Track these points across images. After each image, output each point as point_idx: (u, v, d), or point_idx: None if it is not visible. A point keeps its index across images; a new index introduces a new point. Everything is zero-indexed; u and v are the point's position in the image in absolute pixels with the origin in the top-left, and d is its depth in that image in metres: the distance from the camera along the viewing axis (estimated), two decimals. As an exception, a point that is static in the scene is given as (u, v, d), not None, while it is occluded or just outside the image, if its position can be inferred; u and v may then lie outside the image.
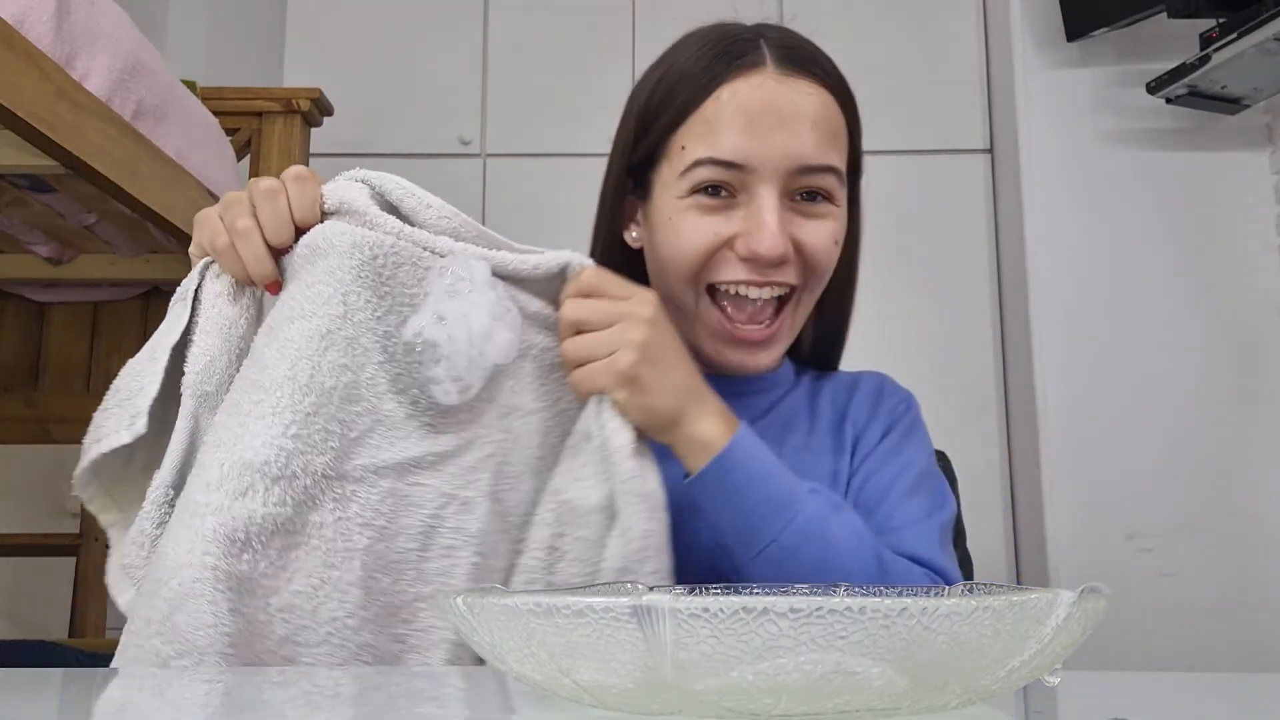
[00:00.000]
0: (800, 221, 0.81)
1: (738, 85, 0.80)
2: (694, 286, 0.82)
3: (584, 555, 0.70)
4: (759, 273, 0.80)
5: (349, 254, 0.66)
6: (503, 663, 0.42)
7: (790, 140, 0.79)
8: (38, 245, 1.77)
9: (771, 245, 0.78)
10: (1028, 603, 0.38)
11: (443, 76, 2.55)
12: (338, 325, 0.66)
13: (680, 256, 0.81)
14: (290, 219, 0.69)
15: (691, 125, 0.81)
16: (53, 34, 1.23)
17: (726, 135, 0.79)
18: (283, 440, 0.63)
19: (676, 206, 0.82)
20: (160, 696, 0.55)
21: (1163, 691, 0.56)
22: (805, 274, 0.83)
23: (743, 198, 0.80)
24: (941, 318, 2.44)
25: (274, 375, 0.64)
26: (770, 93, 0.79)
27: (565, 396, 0.74)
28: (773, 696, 0.37)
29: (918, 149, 2.51)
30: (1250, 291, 2.27)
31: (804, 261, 0.82)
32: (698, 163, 0.80)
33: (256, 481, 0.62)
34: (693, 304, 0.83)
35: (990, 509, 2.35)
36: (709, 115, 0.80)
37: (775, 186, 0.79)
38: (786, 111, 0.79)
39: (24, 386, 1.94)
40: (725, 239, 0.80)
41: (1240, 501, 2.18)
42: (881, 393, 0.94)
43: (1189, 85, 2.13)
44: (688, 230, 0.81)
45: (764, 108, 0.79)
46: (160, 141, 1.50)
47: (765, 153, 0.79)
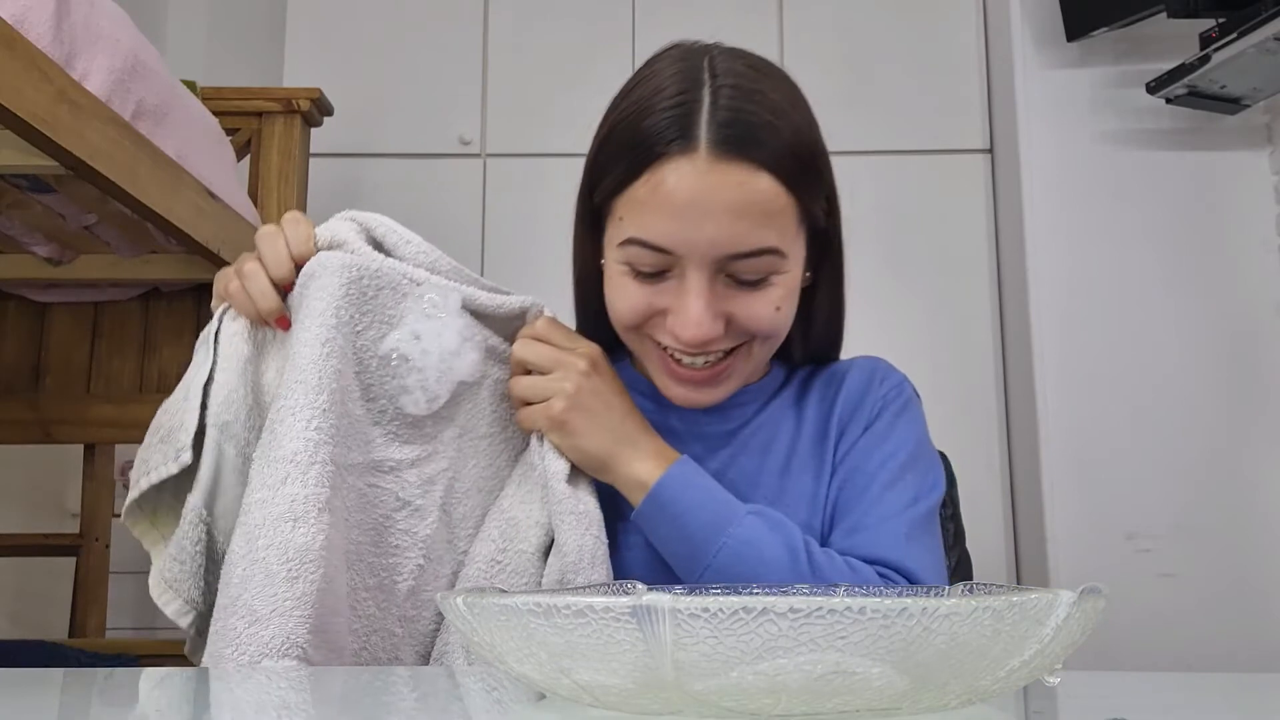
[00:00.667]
0: (734, 296, 0.80)
1: (668, 171, 0.77)
2: (635, 335, 0.84)
3: (522, 568, 0.79)
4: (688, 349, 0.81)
5: (338, 273, 0.76)
6: (503, 663, 0.42)
7: (718, 231, 0.77)
8: (38, 246, 1.77)
9: (695, 334, 0.79)
10: (1028, 603, 0.38)
11: (443, 76, 2.55)
12: (332, 334, 0.75)
13: (619, 316, 0.83)
14: (289, 255, 0.78)
15: (627, 198, 0.80)
16: (52, 34, 1.23)
17: (655, 221, 0.78)
18: (307, 434, 0.72)
19: (615, 268, 0.83)
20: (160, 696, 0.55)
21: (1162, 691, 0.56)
22: (747, 336, 0.82)
23: (675, 274, 0.80)
24: (941, 318, 2.44)
25: (289, 383, 0.73)
26: (699, 183, 0.77)
27: (514, 425, 0.84)
28: (773, 696, 0.37)
29: (918, 149, 2.51)
30: (1250, 291, 2.27)
31: (743, 331, 0.82)
32: (629, 240, 0.80)
33: (292, 471, 0.71)
34: (638, 345, 0.85)
35: (990, 509, 2.35)
36: (641, 196, 0.79)
37: (704, 271, 0.79)
38: (715, 203, 0.77)
39: (25, 387, 1.94)
40: (658, 309, 0.81)
41: (1240, 502, 2.18)
42: (871, 381, 0.93)
43: (1189, 85, 2.13)
44: (623, 295, 0.82)
45: (692, 197, 0.77)
46: (160, 142, 1.50)
47: (692, 241, 0.77)
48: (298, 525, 0.69)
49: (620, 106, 0.83)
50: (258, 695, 0.54)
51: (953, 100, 2.53)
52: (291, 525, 0.69)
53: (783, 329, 0.84)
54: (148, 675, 0.65)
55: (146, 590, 0.77)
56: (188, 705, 0.52)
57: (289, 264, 0.78)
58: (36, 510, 2.67)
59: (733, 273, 0.79)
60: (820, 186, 0.84)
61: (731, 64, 0.82)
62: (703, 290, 0.79)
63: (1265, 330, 2.25)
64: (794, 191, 0.79)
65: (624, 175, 0.80)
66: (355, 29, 2.58)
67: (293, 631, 0.68)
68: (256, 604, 0.68)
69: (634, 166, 0.79)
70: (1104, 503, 2.19)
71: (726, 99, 0.78)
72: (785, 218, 0.80)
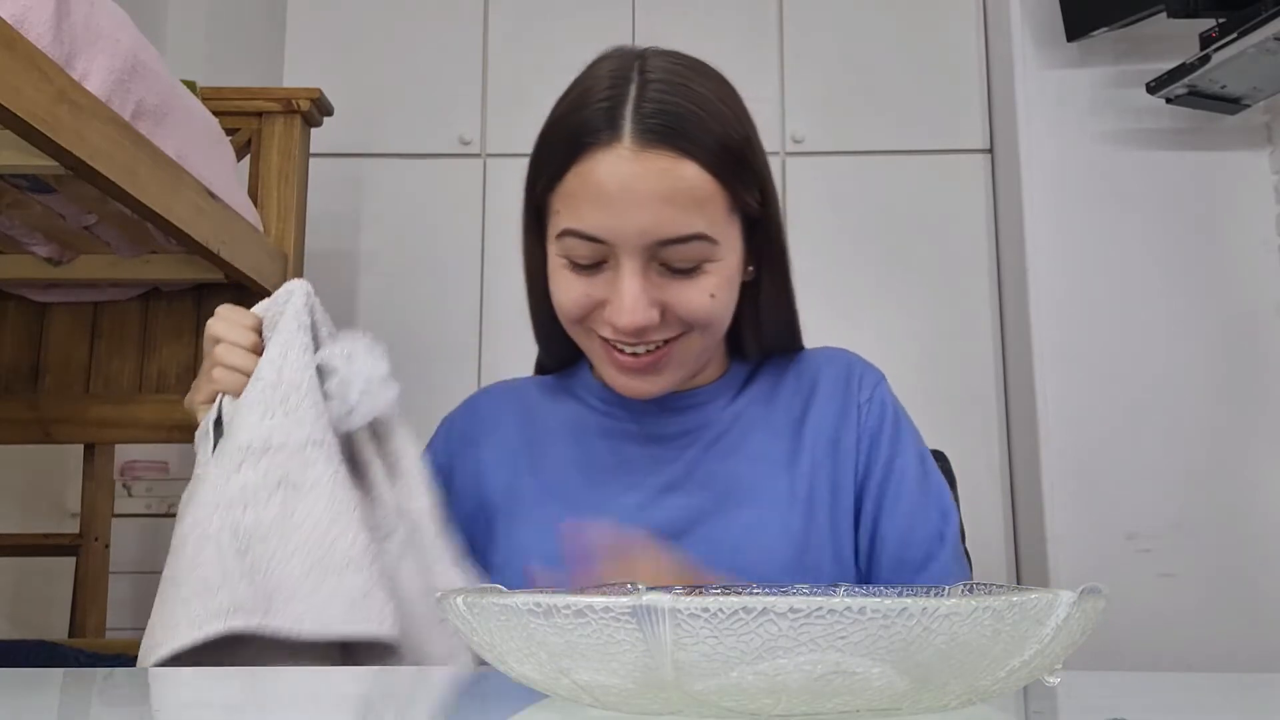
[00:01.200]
0: (667, 285, 0.82)
1: (595, 163, 0.80)
2: (581, 329, 0.87)
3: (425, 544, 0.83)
4: (628, 340, 0.83)
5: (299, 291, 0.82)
6: (503, 663, 0.42)
7: (646, 218, 0.79)
8: (38, 246, 1.77)
9: (630, 320, 0.81)
10: (1028, 603, 0.38)
11: (443, 76, 2.55)
12: (293, 335, 0.79)
13: (563, 310, 0.86)
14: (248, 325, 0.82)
15: (560, 192, 0.83)
16: (52, 34, 1.23)
17: (586, 211, 0.81)
18: (262, 423, 0.75)
19: (555, 262, 0.85)
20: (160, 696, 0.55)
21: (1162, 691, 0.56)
22: (684, 326, 0.84)
23: (611, 264, 0.82)
24: (941, 318, 2.44)
25: (249, 385, 0.78)
26: (626, 171, 0.79)
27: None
28: (773, 696, 0.37)
29: (918, 149, 2.51)
30: (1250, 291, 2.27)
31: (678, 319, 0.83)
32: (565, 232, 0.82)
33: (246, 458, 0.74)
34: (583, 339, 0.88)
35: (990, 509, 2.35)
36: (571, 189, 0.82)
37: (637, 259, 0.81)
38: (641, 191, 0.79)
39: (24, 387, 1.94)
40: (597, 301, 0.83)
41: (1239, 502, 2.18)
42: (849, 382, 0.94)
43: (1189, 85, 2.13)
44: (564, 289, 0.85)
45: (620, 185, 0.79)
46: (160, 142, 1.50)
47: (623, 229, 0.80)
48: (248, 509, 0.73)
49: (556, 107, 0.87)
50: (258, 695, 0.54)
51: (953, 100, 2.53)
52: (242, 509, 0.73)
53: (719, 318, 0.86)
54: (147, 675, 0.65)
55: (146, 590, 0.78)
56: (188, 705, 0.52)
57: (249, 330, 0.82)
58: (36, 510, 2.67)
59: (665, 260, 0.81)
60: (751, 176, 0.86)
61: (661, 62, 0.84)
62: (635, 278, 0.81)
63: (1265, 330, 2.25)
64: (721, 179, 0.82)
65: (557, 169, 0.83)
66: (355, 29, 2.58)
67: (242, 597, 0.71)
68: (209, 574, 0.72)
69: (565, 160, 0.82)
70: (1104, 503, 2.19)
71: (653, 92, 0.81)
72: (714, 206, 0.82)
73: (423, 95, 2.54)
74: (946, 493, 0.93)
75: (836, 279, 2.43)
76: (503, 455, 0.95)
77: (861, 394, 0.94)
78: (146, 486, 2.68)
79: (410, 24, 2.58)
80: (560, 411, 0.97)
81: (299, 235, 2.05)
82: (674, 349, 0.85)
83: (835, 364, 0.96)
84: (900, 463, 0.91)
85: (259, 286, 1.88)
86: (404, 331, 2.46)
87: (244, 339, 0.81)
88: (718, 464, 0.90)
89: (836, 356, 0.97)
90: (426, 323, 2.46)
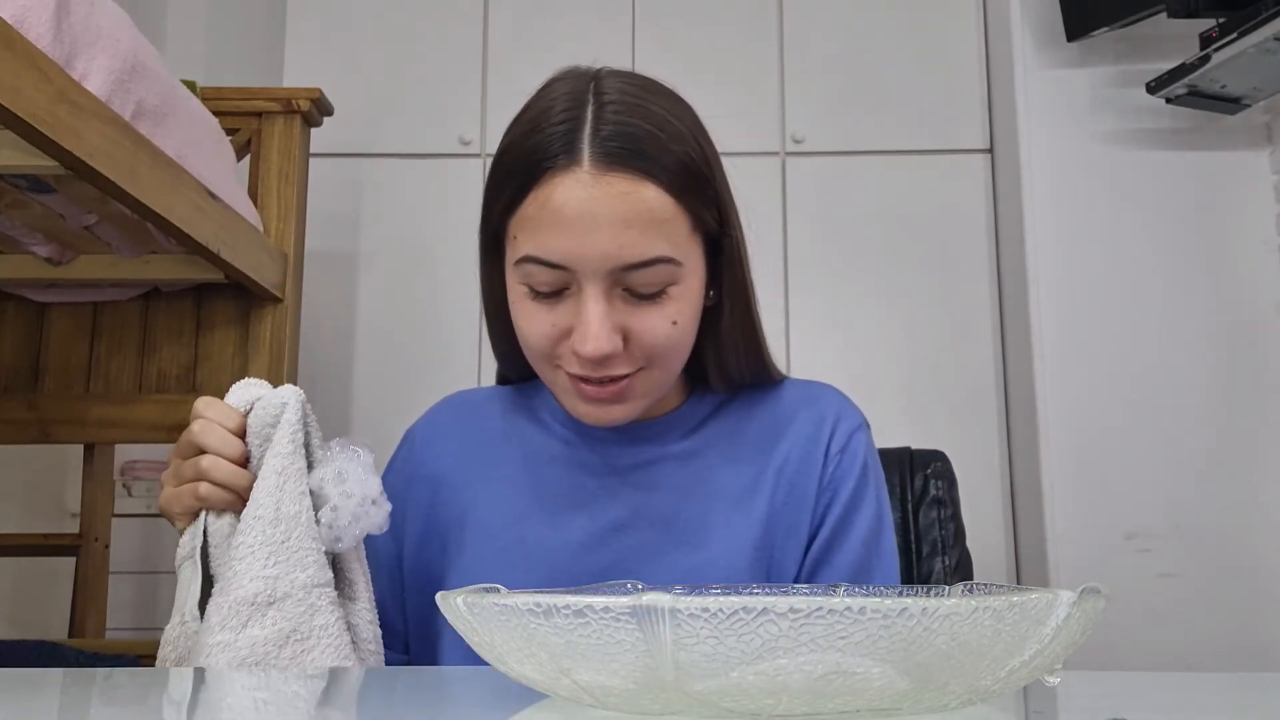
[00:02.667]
0: (631, 311, 0.80)
1: (553, 187, 0.78)
2: (547, 364, 0.84)
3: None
4: (592, 369, 0.81)
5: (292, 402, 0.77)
6: (503, 663, 0.42)
7: (607, 242, 0.77)
8: (38, 246, 1.77)
9: (595, 348, 0.78)
10: (1028, 603, 0.38)
11: (443, 76, 2.55)
12: (289, 460, 0.75)
13: (529, 344, 0.84)
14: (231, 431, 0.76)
15: (519, 218, 0.81)
16: (52, 34, 1.23)
17: (545, 236, 0.78)
18: (266, 571, 0.72)
19: (517, 290, 0.83)
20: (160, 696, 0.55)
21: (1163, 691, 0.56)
22: (645, 359, 0.82)
23: (573, 290, 0.80)
24: (941, 318, 2.44)
25: (247, 520, 0.73)
26: (585, 195, 0.77)
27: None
28: (773, 697, 0.37)
29: (918, 149, 2.51)
30: (1250, 291, 2.27)
31: (640, 350, 0.81)
32: (524, 259, 0.80)
33: (253, 614, 0.71)
34: (548, 372, 0.85)
35: (990, 509, 2.35)
36: (530, 213, 0.80)
37: (599, 286, 0.79)
38: (601, 215, 0.77)
39: (24, 387, 1.94)
40: (562, 330, 0.81)
41: (1240, 502, 2.18)
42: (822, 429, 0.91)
43: (1189, 85, 2.13)
44: (527, 320, 0.82)
45: (579, 210, 0.77)
46: (160, 142, 1.50)
47: (585, 255, 0.78)
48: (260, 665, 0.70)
49: (511, 130, 0.84)
50: (257, 695, 0.54)
51: (953, 100, 2.53)
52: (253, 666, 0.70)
53: (681, 345, 0.84)
54: (148, 675, 0.65)
55: (146, 590, 0.77)
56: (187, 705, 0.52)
57: (236, 440, 0.76)
58: (36, 510, 2.67)
59: (629, 286, 0.79)
60: (711, 195, 0.83)
61: (617, 83, 0.83)
62: (599, 303, 0.78)
63: (1265, 330, 2.25)
64: (682, 201, 0.80)
65: (514, 195, 0.81)
66: (355, 29, 2.58)
67: None
68: None
69: (523, 185, 0.80)
70: (1104, 503, 2.19)
71: (610, 114, 0.79)
72: (675, 226, 0.80)
73: (423, 95, 2.54)
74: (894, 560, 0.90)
75: (836, 279, 2.43)
76: (458, 480, 0.93)
77: (835, 443, 0.90)
78: (146, 486, 2.68)
79: (410, 24, 2.58)
80: (520, 434, 0.95)
81: (299, 235, 2.05)
82: (635, 382, 0.83)
83: (815, 405, 0.92)
84: (855, 518, 0.88)
85: (259, 287, 1.88)
86: (404, 331, 2.46)
87: (232, 450, 0.75)
88: (668, 503, 0.88)
89: (820, 396, 0.94)
90: (426, 323, 2.46)
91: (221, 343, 1.95)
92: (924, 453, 1.30)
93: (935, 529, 1.25)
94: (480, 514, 0.90)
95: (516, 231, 0.81)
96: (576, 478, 0.90)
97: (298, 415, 0.76)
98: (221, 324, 1.96)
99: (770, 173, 2.51)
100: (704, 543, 0.86)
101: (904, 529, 1.25)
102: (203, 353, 1.96)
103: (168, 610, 0.77)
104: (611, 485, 0.89)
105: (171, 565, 0.78)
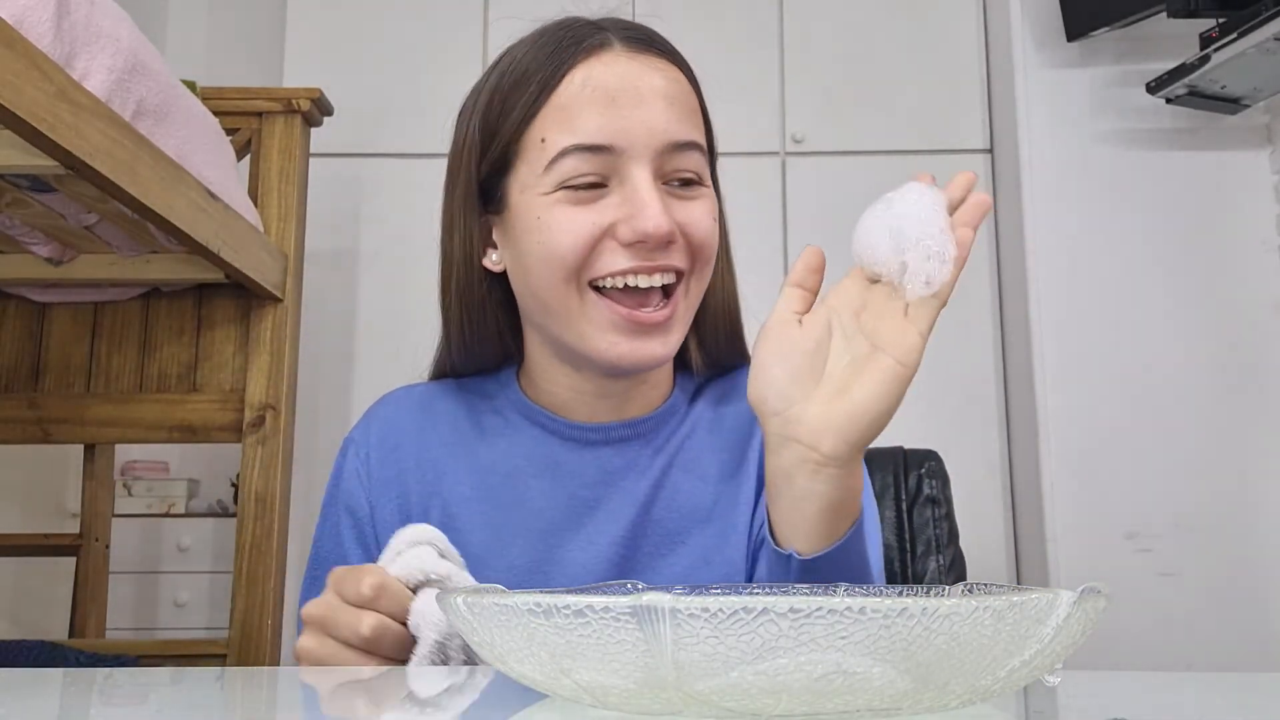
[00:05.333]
0: (677, 204, 0.76)
1: (590, 66, 0.75)
2: (575, 284, 0.76)
3: None
4: (647, 257, 0.75)
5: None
6: (503, 663, 0.42)
7: (653, 116, 0.75)
8: (38, 246, 1.77)
9: (658, 223, 0.73)
10: (1028, 603, 0.38)
11: (443, 76, 2.55)
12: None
13: (558, 255, 0.75)
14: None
15: (548, 115, 0.76)
16: (53, 34, 1.23)
17: (588, 118, 0.74)
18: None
19: (544, 204, 0.76)
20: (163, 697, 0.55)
21: (1163, 691, 0.56)
22: (691, 258, 0.78)
23: (615, 183, 0.75)
24: (941, 318, 2.43)
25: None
26: (624, 70, 0.75)
27: None
28: (773, 696, 0.37)
29: (918, 149, 2.51)
30: (1250, 291, 2.27)
31: (689, 244, 0.77)
32: (563, 153, 0.74)
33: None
34: (576, 304, 0.77)
35: (990, 509, 2.35)
36: (564, 101, 0.75)
37: (648, 166, 0.75)
38: (644, 88, 0.75)
39: (24, 387, 1.94)
40: (605, 228, 0.75)
41: (1240, 501, 2.18)
42: None
43: (1189, 85, 2.13)
44: (563, 225, 0.75)
45: (621, 85, 0.75)
46: (160, 141, 1.50)
47: (632, 130, 0.74)
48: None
49: (498, 65, 0.83)
50: (256, 695, 0.54)
51: (953, 100, 2.53)
52: None
53: (713, 251, 0.80)
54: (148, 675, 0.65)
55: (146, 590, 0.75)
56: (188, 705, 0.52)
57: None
58: (36, 510, 2.67)
59: (671, 172, 0.77)
60: (711, 124, 0.83)
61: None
62: (651, 184, 0.75)
63: (1265, 330, 2.25)
64: (700, 103, 0.81)
65: (536, 95, 0.77)
66: (355, 29, 2.58)
67: None
68: None
69: (548, 79, 0.76)
70: (1104, 502, 2.19)
71: (622, 21, 0.80)
72: (699, 121, 0.80)
73: (423, 95, 2.54)
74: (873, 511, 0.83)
75: (837, 279, 2.43)
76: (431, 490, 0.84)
77: None
78: (146, 486, 2.68)
79: (410, 24, 2.58)
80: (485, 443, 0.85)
81: (299, 235, 2.05)
82: (677, 300, 0.78)
83: None
84: None
85: (259, 286, 1.88)
86: (404, 331, 2.46)
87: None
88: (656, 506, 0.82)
89: None
90: (426, 323, 2.45)
91: (222, 342, 1.95)
92: (918, 452, 1.30)
93: (929, 528, 1.25)
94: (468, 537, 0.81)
95: (545, 132, 0.76)
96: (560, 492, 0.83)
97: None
98: (222, 324, 1.96)
99: (770, 173, 2.51)
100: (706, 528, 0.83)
101: (898, 528, 1.25)
102: (203, 352, 1.96)
103: (168, 610, 0.77)
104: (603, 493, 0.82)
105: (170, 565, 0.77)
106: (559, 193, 0.75)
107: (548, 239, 0.75)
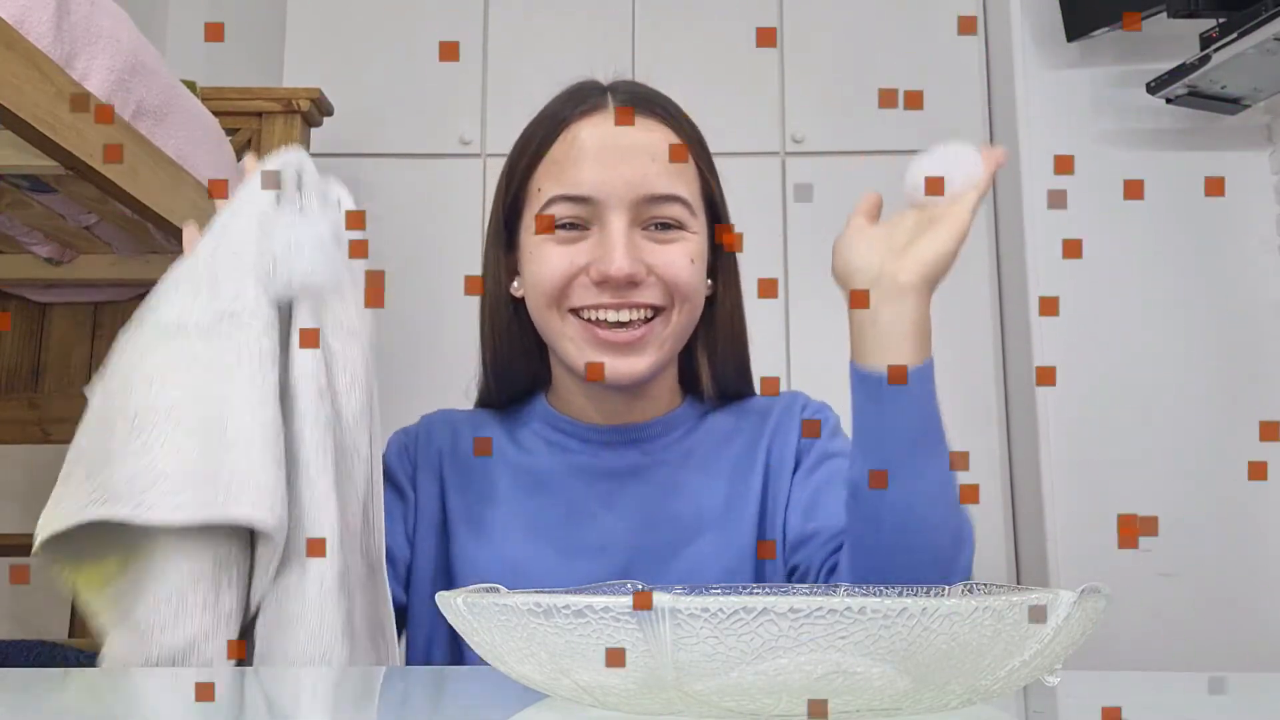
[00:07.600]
0: (652, 247, 0.86)
1: (582, 125, 0.87)
2: (557, 309, 0.87)
3: None
4: (615, 294, 0.84)
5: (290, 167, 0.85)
6: (503, 663, 0.42)
7: (633, 172, 0.84)
8: (38, 246, 1.77)
9: (619, 266, 0.83)
10: (1028, 603, 0.38)
11: (443, 76, 2.55)
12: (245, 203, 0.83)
13: (542, 285, 0.86)
14: None
15: (545, 167, 0.87)
16: (53, 34, 1.23)
17: (574, 172, 0.85)
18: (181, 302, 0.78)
19: (535, 241, 0.87)
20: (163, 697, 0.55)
21: (1163, 691, 0.56)
22: (667, 294, 0.86)
23: (595, 228, 0.85)
24: (941, 317, 2.42)
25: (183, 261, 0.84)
26: (612, 130, 0.86)
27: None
28: (773, 696, 0.37)
29: (918, 149, 2.51)
30: (1250, 291, 2.27)
31: (662, 282, 0.86)
32: (552, 200, 0.85)
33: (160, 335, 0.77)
34: (559, 324, 0.87)
35: (990, 509, 2.35)
36: (558, 156, 0.87)
37: (624, 216, 0.84)
38: (627, 146, 0.85)
39: (24, 387, 1.94)
40: (581, 267, 0.85)
41: (1240, 501, 2.18)
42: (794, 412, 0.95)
43: (1189, 85, 2.12)
44: (547, 260, 0.86)
45: (606, 144, 0.85)
46: (160, 142, 1.50)
47: (610, 184, 0.84)
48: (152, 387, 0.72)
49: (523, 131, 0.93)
50: (255, 695, 0.54)
51: (953, 100, 2.53)
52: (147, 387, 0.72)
53: (695, 289, 0.88)
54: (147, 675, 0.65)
55: None
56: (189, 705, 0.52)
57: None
58: (36, 510, 2.66)
59: (648, 220, 0.86)
60: (714, 178, 0.92)
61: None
62: (623, 230, 0.84)
63: (1265, 330, 2.25)
64: (693, 152, 0.89)
65: (537, 149, 0.88)
66: (355, 29, 2.58)
67: (118, 483, 0.70)
68: (95, 455, 0.72)
69: (548, 136, 0.88)
70: (1104, 502, 2.19)
71: (626, 84, 0.92)
72: (689, 176, 0.88)
73: (423, 95, 2.53)
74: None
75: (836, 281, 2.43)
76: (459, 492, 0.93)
77: (807, 411, 0.95)
78: (146, 486, 2.68)
79: (410, 24, 2.57)
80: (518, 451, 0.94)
81: (299, 235, 2.04)
82: (653, 327, 0.86)
83: (787, 397, 0.97)
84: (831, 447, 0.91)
85: (259, 286, 1.88)
86: (404, 331, 2.46)
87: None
88: (665, 505, 0.90)
89: (793, 394, 0.99)
90: (426, 323, 2.46)
91: (221, 343, 1.95)
92: (921, 452, 1.29)
93: (933, 529, 1.25)
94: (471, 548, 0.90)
95: (541, 183, 0.88)
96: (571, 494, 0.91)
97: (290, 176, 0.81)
98: (221, 324, 1.96)
99: (770, 173, 2.50)
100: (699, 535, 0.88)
101: (903, 529, 1.25)
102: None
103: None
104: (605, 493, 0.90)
105: None
106: (547, 233, 0.87)
107: (536, 270, 0.88)
